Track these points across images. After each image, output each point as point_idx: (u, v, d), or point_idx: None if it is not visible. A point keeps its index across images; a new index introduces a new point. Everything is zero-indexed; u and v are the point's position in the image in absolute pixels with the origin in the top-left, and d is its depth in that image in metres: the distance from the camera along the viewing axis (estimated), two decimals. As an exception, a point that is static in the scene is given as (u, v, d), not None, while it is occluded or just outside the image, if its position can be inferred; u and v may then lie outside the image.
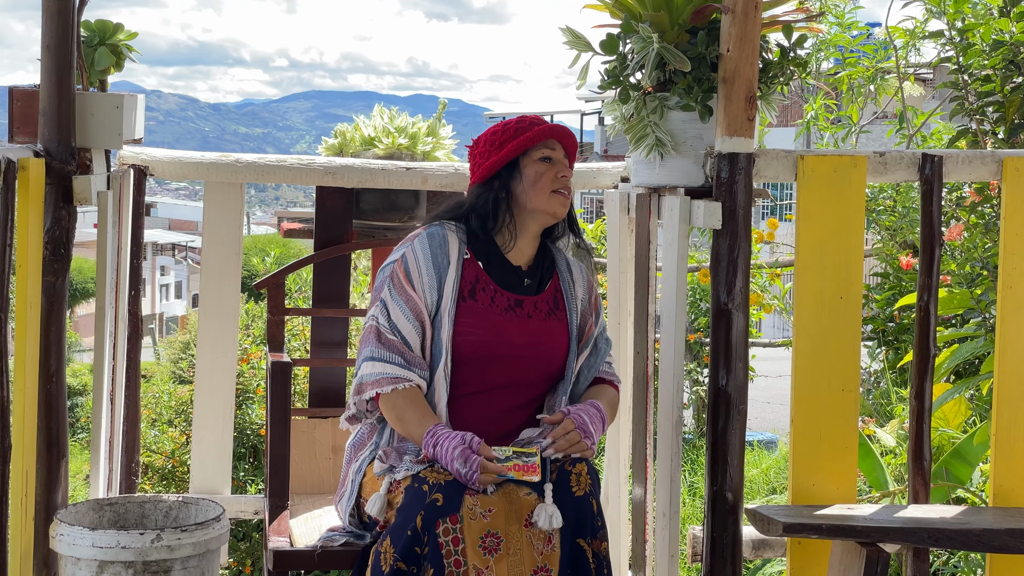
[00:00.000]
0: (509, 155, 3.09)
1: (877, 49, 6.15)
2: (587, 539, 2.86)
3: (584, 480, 2.89)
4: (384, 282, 3.08)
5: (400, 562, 2.77)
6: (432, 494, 2.81)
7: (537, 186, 3.09)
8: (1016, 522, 3.21)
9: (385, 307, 3.04)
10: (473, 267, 3.10)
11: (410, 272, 3.05)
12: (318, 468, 3.82)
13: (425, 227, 3.15)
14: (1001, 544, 3.14)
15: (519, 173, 3.11)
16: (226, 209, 3.90)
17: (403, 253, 3.09)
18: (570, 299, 3.19)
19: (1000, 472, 3.43)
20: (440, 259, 3.06)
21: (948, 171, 3.45)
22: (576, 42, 3.45)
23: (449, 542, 2.77)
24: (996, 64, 4.45)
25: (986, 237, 4.96)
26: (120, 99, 3.30)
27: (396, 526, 2.83)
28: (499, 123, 3.17)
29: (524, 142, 3.09)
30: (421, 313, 3.02)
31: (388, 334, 3.01)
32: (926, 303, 3.41)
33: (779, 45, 3.45)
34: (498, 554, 2.78)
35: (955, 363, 4.65)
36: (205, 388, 3.96)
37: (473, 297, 3.07)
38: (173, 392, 7.87)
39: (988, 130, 4.59)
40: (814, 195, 3.32)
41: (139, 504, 3.34)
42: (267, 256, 12.61)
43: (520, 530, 2.81)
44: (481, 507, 2.80)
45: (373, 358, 3.01)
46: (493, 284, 3.10)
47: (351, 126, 4.22)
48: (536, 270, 3.18)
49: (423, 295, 3.03)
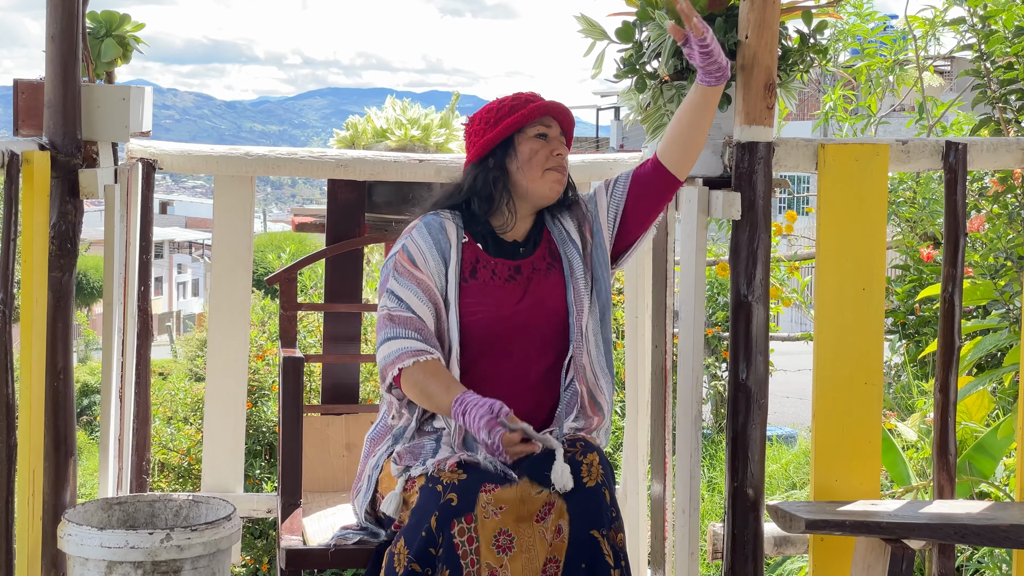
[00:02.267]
0: (504, 132, 3.01)
1: (896, 39, 6.10)
2: (602, 531, 2.80)
3: (596, 470, 2.83)
4: (388, 274, 3.02)
5: (415, 563, 2.72)
6: (447, 494, 2.76)
7: (532, 163, 3.01)
8: (1044, 517, 3.14)
9: (394, 293, 2.98)
10: (472, 249, 3.05)
11: (414, 258, 3.00)
12: (331, 465, 3.76)
13: (421, 217, 3.09)
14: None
15: (514, 151, 3.03)
16: (236, 203, 3.85)
17: (403, 244, 3.03)
18: (562, 242, 3.10)
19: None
20: (443, 243, 3.02)
21: (972, 159, 3.38)
22: (591, 30, 3.39)
23: (464, 542, 2.72)
24: (1019, 51, 4.38)
25: (1009, 227, 4.88)
26: (127, 91, 3.25)
27: (410, 527, 2.78)
28: (495, 100, 3.10)
29: (519, 119, 3.00)
30: (433, 294, 2.98)
31: (401, 313, 2.96)
32: (950, 294, 3.35)
33: (798, 32, 3.39)
34: (512, 552, 2.73)
35: (978, 355, 4.59)
36: (216, 385, 3.91)
37: (474, 276, 3.03)
38: (189, 389, 7.85)
39: (1011, 118, 4.52)
40: (835, 185, 3.25)
41: (149, 503, 3.29)
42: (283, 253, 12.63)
43: (531, 526, 2.76)
44: (494, 505, 2.74)
45: (389, 338, 2.95)
46: (492, 259, 3.05)
47: (363, 118, 4.17)
48: (530, 238, 3.12)
49: (432, 277, 2.99)
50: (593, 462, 2.85)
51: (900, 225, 7.28)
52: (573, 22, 3.44)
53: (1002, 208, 4.87)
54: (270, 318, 8.00)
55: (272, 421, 6.62)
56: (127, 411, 3.70)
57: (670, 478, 3.70)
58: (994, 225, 5.07)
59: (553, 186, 3.04)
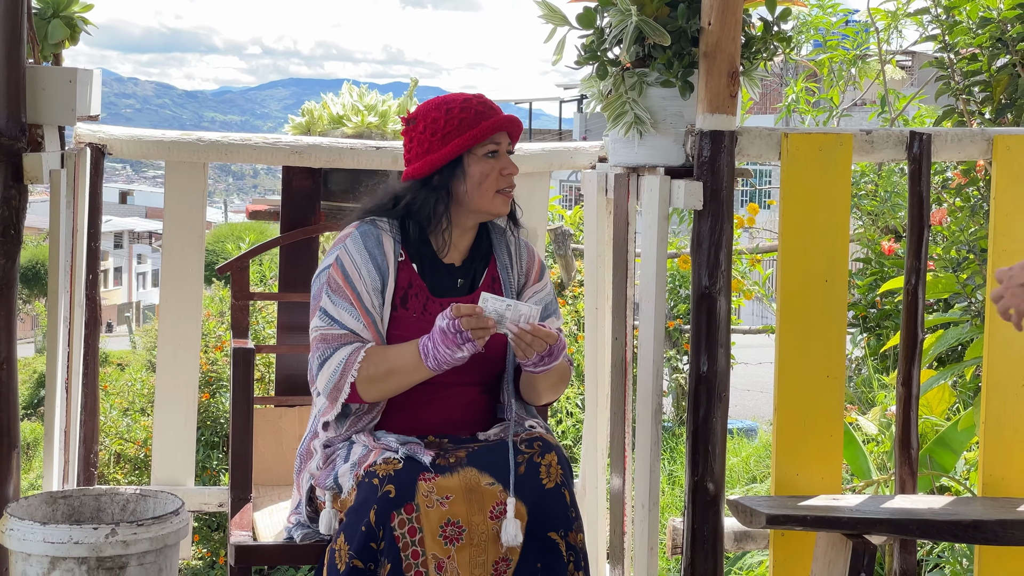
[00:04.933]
0: (453, 152, 2.86)
1: (858, 32, 6.09)
2: (560, 532, 2.75)
3: (555, 471, 2.78)
4: (321, 289, 2.88)
5: (356, 559, 2.66)
6: (384, 486, 2.69)
7: (483, 187, 2.88)
8: (1006, 512, 3.12)
9: (327, 313, 2.84)
10: (407, 270, 2.92)
11: (348, 274, 2.86)
12: (285, 458, 3.69)
13: (355, 225, 2.94)
14: (992, 535, 3.05)
15: (463, 171, 2.88)
16: (189, 190, 3.76)
17: (336, 256, 2.88)
18: (507, 286, 3.00)
19: (989, 462, 3.33)
20: (379, 259, 2.88)
21: (937, 150, 3.35)
22: (552, 16, 3.33)
23: (405, 533, 2.66)
24: (983, 42, 4.36)
25: (972, 220, 4.87)
26: (73, 73, 3.16)
27: (349, 523, 2.72)
28: (440, 105, 2.91)
29: (469, 140, 2.86)
30: (367, 312, 2.85)
31: (333, 331, 2.83)
32: (914, 286, 3.32)
33: (762, 19, 3.34)
34: (460, 544, 2.67)
35: (940, 349, 4.57)
36: (167, 376, 3.82)
37: (405, 305, 2.90)
38: (147, 380, 7.78)
39: (974, 110, 4.50)
40: (799, 175, 3.21)
41: (95, 497, 3.21)
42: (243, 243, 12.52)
43: (485, 521, 2.70)
44: (438, 494, 2.68)
45: (326, 358, 2.83)
46: (426, 291, 2.92)
47: (319, 104, 4.09)
48: (470, 264, 3.00)
49: (367, 296, 2.85)
50: (552, 462, 2.79)
51: (862, 218, 7.28)
52: (535, 13, 3.39)
53: (964, 201, 4.86)
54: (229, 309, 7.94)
55: (229, 412, 6.56)
56: (74, 403, 3.61)
57: (630, 472, 3.66)
58: (956, 218, 5.06)
59: (503, 206, 2.94)
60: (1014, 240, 3.28)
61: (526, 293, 3.03)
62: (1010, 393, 3.31)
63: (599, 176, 3.81)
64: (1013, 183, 3.28)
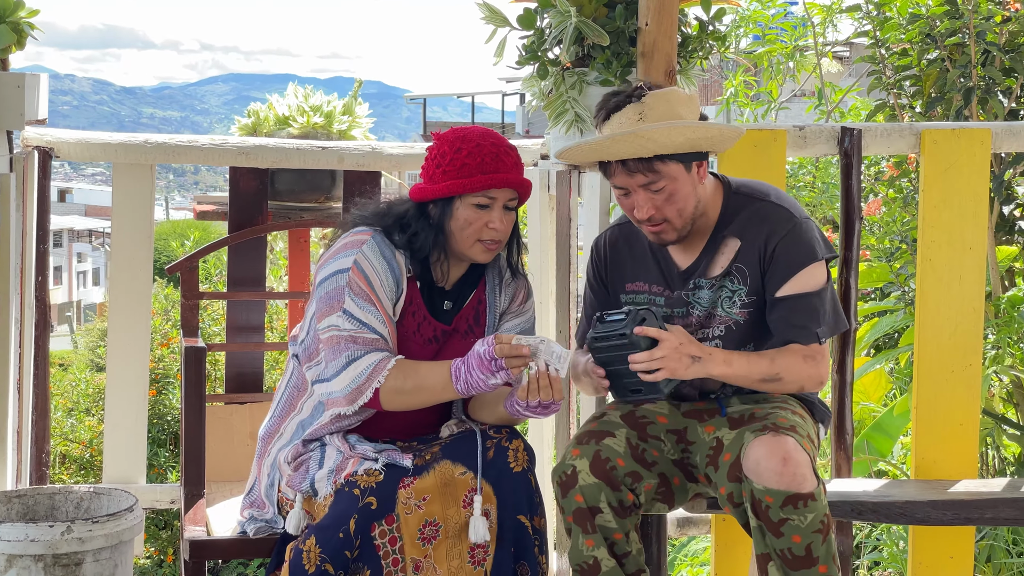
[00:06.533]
0: (445, 192, 2.82)
1: (796, 26, 6.18)
2: (527, 515, 2.82)
3: (521, 456, 2.84)
4: (341, 290, 2.81)
5: (328, 564, 2.69)
6: (365, 497, 2.72)
7: (464, 234, 2.84)
8: (937, 494, 3.23)
9: (352, 315, 2.80)
10: (412, 288, 2.91)
11: (370, 278, 2.82)
12: (236, 455, 3.73)
13: (367, 231, 2.88)
14: (924, 516, 3.16)
15: (451, 211, 2.84)
16: (136, 192, 3.79)
17: (355, 260, 2.83)
18: (492, 308, 3.01)
19: (921, 445, 3.45)
20: (396, 271, 2.86)
21: (867, 144, 3.46)
22: (493, 17, 3.40)
23: (386, 543, 2.72)
24: (913, 37, 4.47)
25: (904, 211, 4.99)
26: (21, 78, 3.19)
27: (324, 527, 2.73)
28: (456, 140, 2.84)
29: (460, 187, 2.81)
30: (388, 318, 2.84)
31: (366, 334, 2.80)
32: (847, 277, 3.42)
33: (698, 19, 3.43)
34: (436, 541, 2.74)
35: (876, 337, 4.69)
36: (118, 375, 3.86)
37: (401, 323, 2.90)
38: (91, 380, 7.74)
39: (905, 104, 4.62)
40: (735, 170, 3.29)
41: (49, 496, 3.25)
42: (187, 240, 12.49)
43: (458, 511, 2.76)
44: (416, 498, 2.74)
45: (354, 359, 2.79)
46: (424, 310, 2.92)
47: (265, 105, 4.14)
48: (460, 287, 2.99)
49: (388, 303, 2.84)
50: (519, 448, 2.85)
51: (800, 209, 7.40)
52: (475, 3, 3.45)
53: (897, 192, 4.97)
54: (173, 306, 7.92)
55: (177, 410, 6.56)
56: (26, 403, 3.64)
57: (575, 462, 3.71)
58: (890, 209, 5.18)
59: (482, 256, 2.88)
60: (942, 231, 3.40)
61: (508, 315, 3.03)
62: (940, 379, 3.42)
63: (541, 173, 3.88)
64: (940, 176, 3.39)
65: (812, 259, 2.81)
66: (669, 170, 2.75)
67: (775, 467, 2.57)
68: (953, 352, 3.42)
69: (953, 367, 3.42)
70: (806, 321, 2.79)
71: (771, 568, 2.64)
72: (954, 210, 3.40)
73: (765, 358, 2.78)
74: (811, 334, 2.79)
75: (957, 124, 3.60)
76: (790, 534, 2.58)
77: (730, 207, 2.88)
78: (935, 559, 3.44)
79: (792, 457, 2.58)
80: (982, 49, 4.25)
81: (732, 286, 2.85)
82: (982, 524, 3.38)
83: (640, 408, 2.92)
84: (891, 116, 4.63)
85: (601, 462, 2.75)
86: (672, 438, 2.89)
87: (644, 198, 2.77)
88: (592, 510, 2.74)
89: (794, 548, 2.59)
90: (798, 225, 2.82)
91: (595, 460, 2.75)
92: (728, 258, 2.85)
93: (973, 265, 3.41)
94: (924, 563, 3.45)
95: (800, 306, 2.79)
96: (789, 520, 2.58)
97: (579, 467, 2.75)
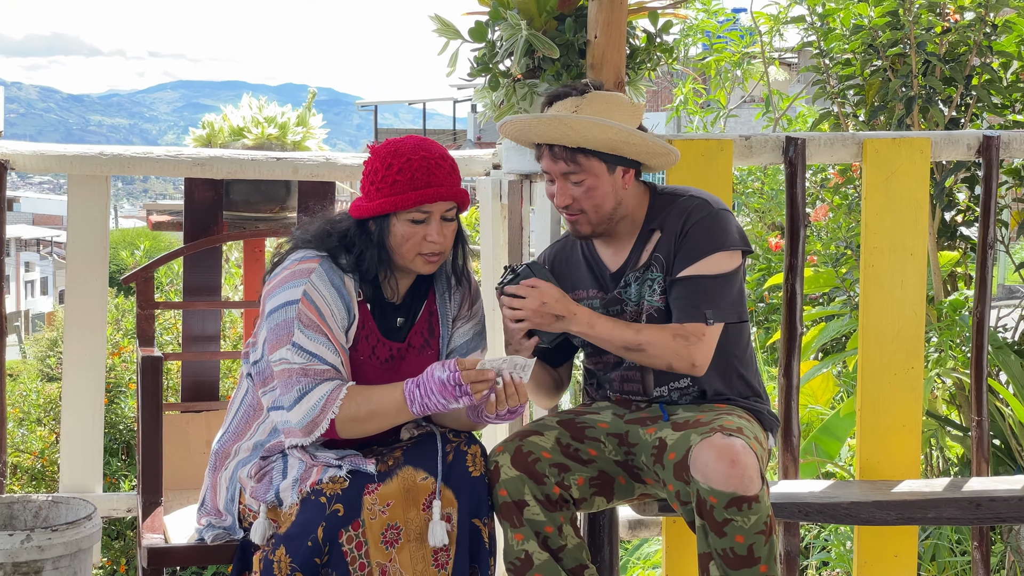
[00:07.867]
0: (379, 210, 2.82)
1: (743, 35, 6.26)
2: (483, 519, 2.87)
3: (479, 462, 2.88)
4: (290, 323, 2.80)
5: (299, 572, 2.72)
6: (332, 505, 2.76)
7: (403, 249, 2.85)
8: (882, 494, 3.31)
9: (302, 348, 2.79)
10: (363, 311, 2.92)
11: (320, 309, 2.82)
12: (192, 463, 3.76)
13: (316, 260, 2.86)
14: (868, 516, 3.23)
15: (388, 228, 2.84)
16: (91, 203, 3.81)
17: (304, 290, 2.81)
18: (444, 318, 3.03)
19: (865, 446, 3.53)
20: (345, 297, 2.87)
21: (811, 153, 3.54)
22: (445, 30, 3.46)
23: (353, 548, 2.75)
24: (856, 48, 4.56)
25: (849, 217, 5.08)
26: (-23, 91, 3.21)
27: (292, 536, 2.76)
28: (387, 156, 2.83)
29: (392, 205, 2.81)
30: (340, 348, 2.84)
31: (316, 366, 2.80)
32: (792, 283, 3.50)
33: (646, 31, 3.49)
34: (399, 544, 2.78)
35: (823, 341, 4.77)
36: (73, 384, 3.87)
37: (355, 348, 2.91)
38: (41, 390, 7.69)
39: (849, 113, 4.71)
40: (683, 179, 3.37)
41: (7, 505, 3.26)
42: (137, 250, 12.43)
43: (418, 515, 2.80)
44: (380, 503, 2.77)
45: (307, 391, 2.79)
46: (377, 332, 2.93)
47: (219, 116, 4.17)
48: (410, 302, 3.01)
49: (339, 333, 2.85)
50: (476, 453, 2.89)
51: (749, 215, 7.50)
52: (428, 16, 3.51)
53: (842, 199, 5.07)
54: (124, 316, 7.90)
55: (129, 419, 6.55)
56: (-18, 413, 3.65)
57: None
58: (836, 215, 5.28)
59: (425, 268, 2.89)
60: (884, 237, 3.49)
61: (459, 320, 3.05)
62: (884, 381, 3.51)
63: (493, 183, 3.94)
64: (882, 184, 3.48)
65: (721, 247, 2.90)
66: (591, 166, 2.89)
67: (723, 469, 2.64)
68: (896, 355, 3.51)
69: (896, 370, 3.51)
70: (698, 301, 2.88)
71: (712, 567, 2.70)
72: (896, 217, 3.48)
73: (631, 328, 2.89)
74: (698, 313, 2.87)
75: (898, 133, 3.69)
76: (733, 534, 2.65)
77: (655, 207, 3.00)
78: (880, 558, 3.53)
79: (740, 460, 2.65)
80: (923, 59, 4.35)
81: (652, 275, 2.96)
82: (925, 523, 3.46)
83: (580, 416, 3.00)
84: (835, 125, 4.71)
85: (523, 455, 2.85)
86: (614, 440, 2.96)
87: (564, 187, 2.92)
88: (518, 504, 2.83)
89: (736, 548, 2.66)
90: (712, 213, 2.93)
91: (516, 454, 2.85)
92: (649, 251, 2.97)
93: (914, 270, 3.50)
94: (869, 562, 3.53)
95: (696, 287, 2.89)
96: (733, 521, 2.64)
97: (501, 462, 2.85)
